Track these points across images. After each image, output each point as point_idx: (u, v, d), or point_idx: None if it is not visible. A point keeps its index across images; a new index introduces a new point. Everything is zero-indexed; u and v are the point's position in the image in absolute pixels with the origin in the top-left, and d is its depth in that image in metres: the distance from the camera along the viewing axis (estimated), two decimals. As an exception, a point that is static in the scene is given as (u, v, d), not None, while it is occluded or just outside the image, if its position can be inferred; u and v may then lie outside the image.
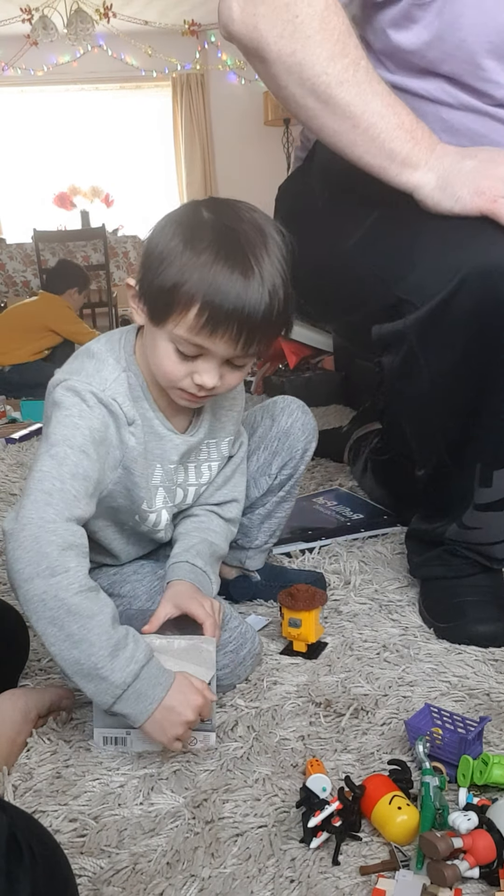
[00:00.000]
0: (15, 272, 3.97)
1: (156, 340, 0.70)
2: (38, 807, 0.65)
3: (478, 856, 0.55)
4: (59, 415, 0.70)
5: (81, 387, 0.71)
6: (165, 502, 0.82)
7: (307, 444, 0.94)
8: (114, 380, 0.73)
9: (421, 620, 0.94)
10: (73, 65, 4.92)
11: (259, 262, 0.65)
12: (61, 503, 0.66)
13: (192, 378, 0.70)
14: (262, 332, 0.68)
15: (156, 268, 0.67)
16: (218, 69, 5.20)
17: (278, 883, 0.56)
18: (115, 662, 0.64)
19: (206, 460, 0.85)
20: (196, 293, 0.64)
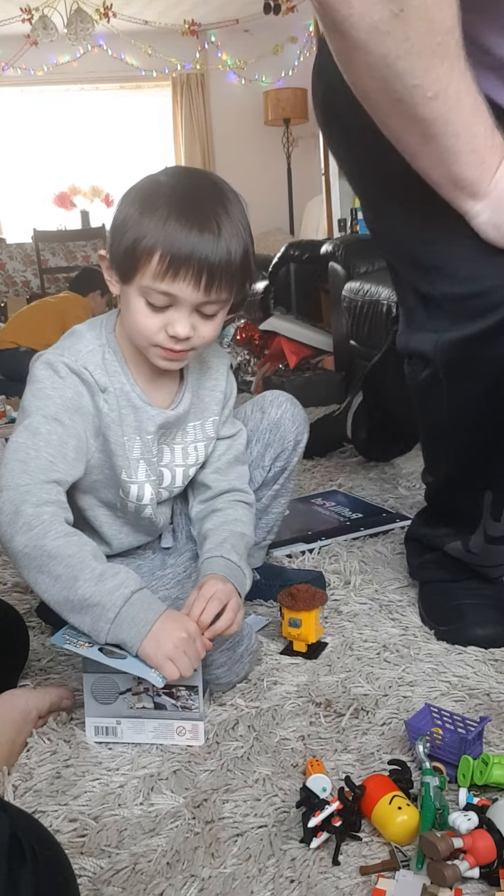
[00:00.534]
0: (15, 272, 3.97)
1: (129, 299, 0.74)
2: (38, 807, 0.65)
3: (478, 856, 0.55)
4: (32, 388, 0.75)
5: (54, 359, 0.76)
6: (148, 475, 0.82)
7: (298, 434, 0.95)
8: (87, 351, 0.78)
9: (420, 621, 0.94)
10: (73, 65, 4.91)
11: (216, 216, 0.70)
12: (36, 469, 0.71)
13: (165, 331, 0.73)
14: (222, 276, 0.71)
15: (120, 232, 0.72)
16: (218, 69, 5.19)
17: (278, 883, 0.56)
18: (103, 587, 0.67)
19: (193, 441, 0.87)
20: (156, 242, 0.69)
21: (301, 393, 2.45)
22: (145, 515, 0.85)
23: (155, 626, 0.67)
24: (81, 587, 0.67)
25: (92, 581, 0.67)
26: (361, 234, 2.50)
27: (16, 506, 0.69)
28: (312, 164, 4.36)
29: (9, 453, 0.72)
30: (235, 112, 5.25)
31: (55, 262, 3.85)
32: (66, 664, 0.88)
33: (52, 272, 3.84)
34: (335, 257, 2.31)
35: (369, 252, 2.26)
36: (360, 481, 1.53)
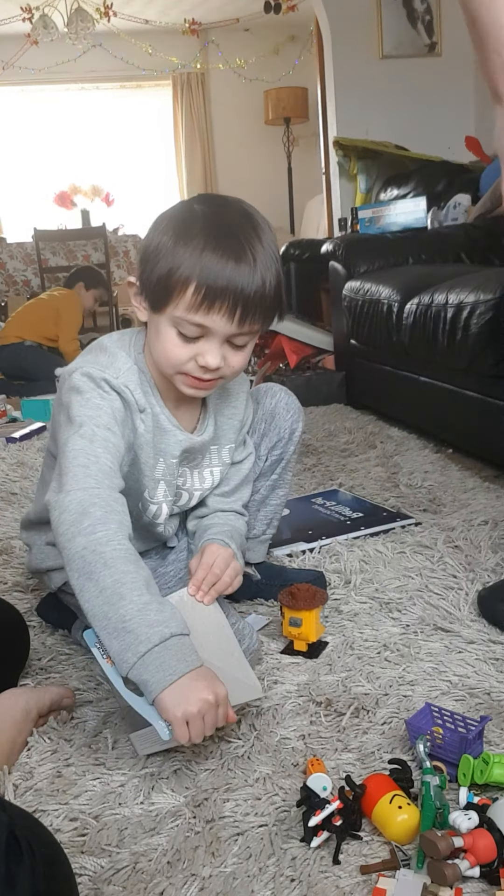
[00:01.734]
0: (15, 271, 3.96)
1: (159, 328, 0.73)
2: (39, 806, 0.65)
3: (478, 855, 0.55)
4: (80, 398, 0.74)
5: (96, 373, 0.75)
6: (166, 496, 0.84)
7: (293, 423, 0.96)
8: (126, 370, 0.77)
9: (421, 618, 0.93)
10: (73, 64, 4.91)
11: (251, 247, 0.70)
12: (99, 474, 0.70)
13: (195, 361, 0.73)
14: (256, 308, 0.71)
15: (153, 260, 0.71)
16: (218, 68, 5.19)
17: (279, 882, 0.56)
18: (144, 617, 0.62)
19: (209, 465, 0.88)
20: (192, 273, 0.68)
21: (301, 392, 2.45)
22: (157, 532, 0.87)
23: (183, 679, 0.61)
24: (123, 608, 0.63)
25: (136, 606, 0.63)
26: (362, 234, 2.50)
27: (84, 507, 0.66)
28: (313, 163, 4.36)
29: (68, 460, 0.70)
30: (236, 111, 5.25)
31: (55, 261, 3.85)
32: (66, 663, 0.88)
33: (53, 271, 3.84)
34: (335, 256, 2.31)
35: (370, 251, 2.26)
36: (361, 480, 1.53)
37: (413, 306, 1.73)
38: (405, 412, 1.92)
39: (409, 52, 3.15)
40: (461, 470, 1.55)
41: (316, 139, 3.85)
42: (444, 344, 1.56)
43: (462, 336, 1.48)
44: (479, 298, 1.44)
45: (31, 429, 2.11)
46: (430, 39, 3.16)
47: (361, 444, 1.82)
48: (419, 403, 1.81)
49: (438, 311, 1.58)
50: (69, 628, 0.93)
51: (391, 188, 2.99)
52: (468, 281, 1.55)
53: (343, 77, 3.16)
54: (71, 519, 0.66)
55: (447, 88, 3.17)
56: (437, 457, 1.65)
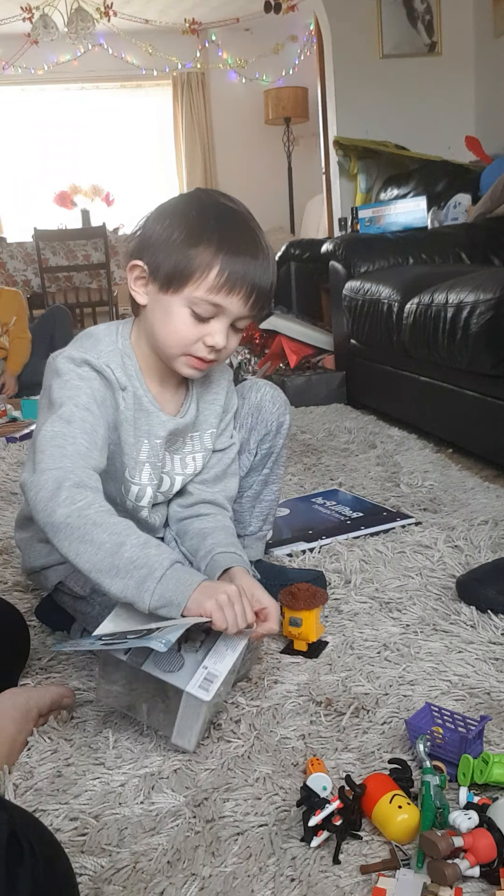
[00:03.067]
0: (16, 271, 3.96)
1: (170, 308, 0.77)
2: (39, 805, 0.65)
3: (478, 855, 0.55)
4: (59, 381, 0.77)
5: (77, 355, 0.78)
6: (150, 479, 0.85)
7: (280, 416, 0.97)
8: (108, 351, 0.80)
9: (421, 618, 0.94)
10: (73, 63, 4.91)
11: (264, 242, 0.77)
12: (75, 454, 0.72)
13: (202, 341, 0.77)
14: (265, 296, 0.77)
15: (168, 245, 0.75)
16: (219, 68, 5.19)
17: (279, 882, 0.56)
18: (148, 551, 0.69)
19: (191, 452, 0.89)
20: (216, 257, 0.74)
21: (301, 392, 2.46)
22: (141, 517, 0.87)
23: (200, 585, 0.69)
24: (128, 551, 0.68)
25: (138, 546, 0.69)
26: (362, 234, 2.50)
27: (58, 482, 0.70)
28: (313, 162, 4.35)
29: (44, 441, 0.73)
30: (236, 111, 5.25)
31: (56, 260, 3.85)
32: (66, 663, 0.88)
33: (53, 271, 3.84)
34: (336, 256, 2.31)
35: (370, 251, 2.26)
36: (361, 480, 1.53)
37: (413, 306, 1.73)
38: (405, 412, 1.92)
39: (409, 51, 3.15)
40: (461, 470, 1.55)
41: (316, 139, 3.85)
42: (443, 344, 1.56)
43: (462, 336, 1.48)
44: (479, 298, 1.44)
45: (31, 428, 2.11)
46: (431, 39, 3.16)
47: (361, 443, 1.82)
48: (419, 403, 1.81)
49: (438, 310, 1.58)
50: (68, 629, 0.93)
51: (391, 188, 2.99)
52: (468, 281, 1.55)
53: (343, 77, 3.16)
54: (47, 496, 0.69)
55: (447, 88, 3.16)
56: (437, 456, 1.65)
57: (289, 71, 5.10)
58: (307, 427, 2.02)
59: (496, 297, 1.38)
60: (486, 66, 3.10)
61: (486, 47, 3.08)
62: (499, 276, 1.46)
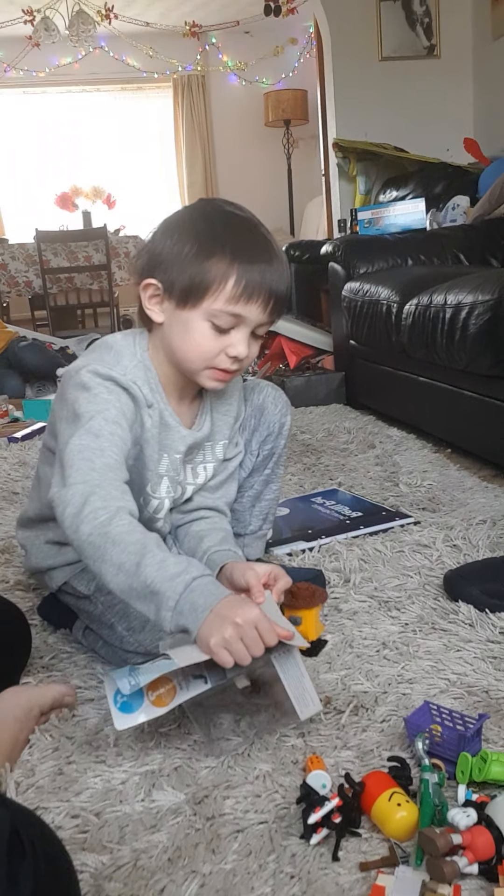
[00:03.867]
0: (17, 272, 3.97)
1: (189, 323, 0.76)
2: (41, 803, 0.65)
3: (477, 852, 0.55)
4: (87, 395, 0.75)
5: (103, 370, 0.77)
6: (169, 492, 0.85)
7: (282, 417, 0.98)
8: (133, 367, 0.79)
9: (420, 617, 0.94)
10: (74, 66, 4.92)
11: (276, 247, 0.76)
12: (104, 467, 0.72)
13: (225, 352, 0.76)
14: (283, 301, 0.76)
15: (181, 261, 0.74)
16: (219, 70, 5.20)
17: (278, 879, 0.56)
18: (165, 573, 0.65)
19: (203, 462, 0.89)
20: (231, 267, 0.73)
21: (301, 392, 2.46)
22: (156, 527, 0.88)
23: (211, 612, 0.65)
24: (143, 574, 0.66)
25: (154, 566, 0.66)
26: (361, 235, 2.50)
27: (84, 497, 0.69)
28: (313, 164, 4.36)
29: (72, 454, 0.71)
30: (236, 113, 5.26)
31: (57, 262, 3.85)
32: (68, 661, 0.89)
33: (54, 272, 3.85)
34: (335, 258, 2.32)
35: (369, 252, 2.26)
36: (361, 480, 1.53)
37: (412, 307, 1.73)
38: (404, 412, 1.93)
39: (408, 54, 3.16)
40: (460, 469, 1.55)
41: (316, 141, 3.86)
42: (442, 344, 1.57)
43: (461, 336, 1.48)
44: (478, 299, 1.44)
45: (32, 428, 2.12)
46: (430, 42, 3.17)
47: (361, 443, 1.82)
48: (418, 403, 1.81)
49: (437, 311, 1.59)
50: (70, 628, 0.93)
51: (390, 190, 2.99)
52: (467, 282, 1.56)
53: (343, 79, 3.17)
54: (74, 511, 0.69)
55: (446, 90, 3.17)
56: (435, 456, 1.66)
57: (288, 73, 5.11)
58: (307, 427, 2.02)
59: (494, 298, 1.39)
60: (485, 69, 3.11)
61: (485, 50, 3.09)
62: (497, 278, 1.47)
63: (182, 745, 0.72)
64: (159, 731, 0.74)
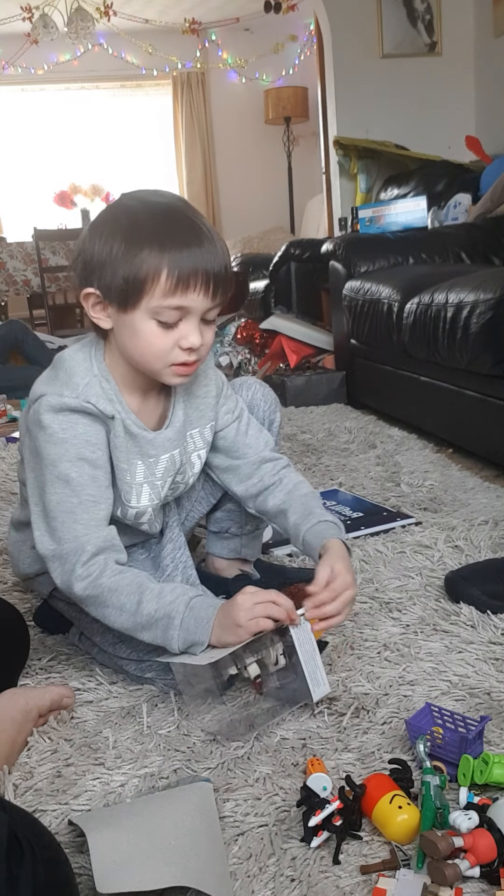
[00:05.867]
0: (15, 271, 3.96)
1: (134, 325, 0.74)
2: (39, 806, 0.65)
3: (478, 855, 0.55)
4: (44, 434, 0.75)
5: (56, 402, 0.75)
6: (151, 499, 0.84)
7: (271, 413, 0.98)
8: (85, 385, 0.77)
9: (421, 618, 0.93)
10: (73, 63, 4.91)
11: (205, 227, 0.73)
12: (85, 514, 0.75)
13: (178, 346, 0.74)
14: (223, 281, 0.74)
15: (112, 263, 0.71)
16: (219, 67, 5.19)
17: (279, 882, 0.56)
18: (164, 600, 0.73)
19: (195, 450, 0.88)
20: (160, 262, 0.70)
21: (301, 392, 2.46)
22: (141, 529, 0.87)
23: (216, 618, 0.72)
24: (146, 607, 0.73)
25: (153, 599, 0.73)
26: (362, 233, 2.50)
27: (76, 555, 0.74)
28: (313, 162, 4.35)
29: (53, 508, 0.75)
30: (236, 111, 5.24)
31: (55, 260, 3.85)
32: (66, 663, 0.88)
33: (53, 271, 3.84)
34: (336, 256, 2.31)
35: (370, 251, 2.26)
36: (361, 480, 1.52)
37: (413, 306, 1.73)
38: (405, 412, 1.92)
39: (409, 51, 3.15)
40: (461, 469, 1.55)
41: (316, 139, 3.85)
42: (444, 343, 1.56)
43: (462, 336, 1.48)
44: (479, 298, 1.44)
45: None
46: (431, 39, 3.16)
47: (362, 443, 1.82)
48: (419, 403, 1.81)
49: (438, 310, 1.58)
50: (66, 633, 0.93)
51: (391, 188, 2.98)
52: (468, 281, 1.55)
53: (343, 76, 3.16)
54: (69, 569, 0.74)
55: (447, 88, 3.16)
56: (437, 456, 1.65)
57: (289, 70, 5.10)
58: (307, 427, 2.02)
59: (496, 297, 1.38)
60: (487, 66, 3.10)
61: (487, 47, 3.08)
62: (499, 276, 1.46)
63: (181, 748, 0.72)
64: (158, 734, 0.74)
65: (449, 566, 1.08)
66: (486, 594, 0.94)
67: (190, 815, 0.59)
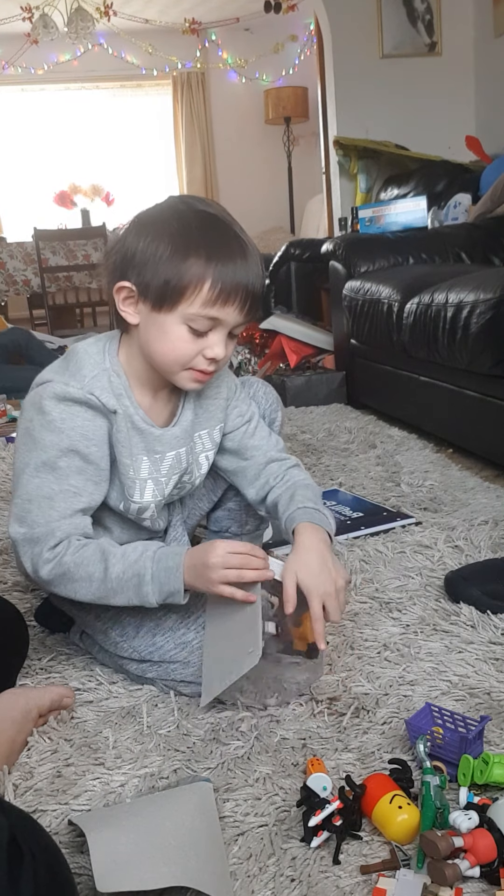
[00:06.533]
0: (15, 271, 3.96)
1: (165, 326, 0.74)
2: (39, 806, 0.65)
3: (478, 855, 0.55)
4: (42, 420, 0.76)
5: (61, 390, 0.76)
6: (155, 496, 0.84)
7: (273, 411, 0.98)
8: (92, 377, 0.77)
9: (421, 618, 0.93)
10: (73, 63, 4.91)
11: (249, 244, 0.75)
12: (63, 503, 0.74)
13: (202, 354, 0.76)
14: (258, 300, 0.76)
15: (155, 263, 0.72)
16: (219, 67, 5.18)
17: (279, 882, 0.56)
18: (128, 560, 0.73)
19: (203, 451, 0.88)
20: (206, 270, 0.71)
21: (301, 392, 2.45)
22: (144, 526, 0.87)
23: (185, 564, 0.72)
24: (112, 571, 0.73)
25: (118, 562, 0.73)
26: (362, 233, 2.49)
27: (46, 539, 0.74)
28: (313, 162, 4.35)
29: (33, 489, 0.75)
30: (236, 111, 5.24)
31: (55, 260, 3.85)
32: (66, 663, 0.88)
33: (53, 271, 3.84)
34: (336, 256, 2.31)
35: (370, 251, 2.26)
36: (361, 480, 1.52)
37: (413, 306, 1.73)
38: (405, 412, 1.92)
39: (409, 51, 3.15)
40: (461, 469, 1.55)
41: (316, 138, 3.85)
42: (444, 343, 1.56)
43: (462, 336, 1.48)
44: (479, 298, 1.44)
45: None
46: (431, 39, 3.16)
47: (361, 443, 1.82)
48: (419, 403, 1.81)
49: (438, 310, 1.58)
50: (67, 632, 0.93)
51: (391, 188, 2.98)
52: (468, 281, 1.55)
53: (343, 76, 3.16)
54: (37, 552, 0.74)
55: (447, 88, 3.16)
56: (437, 456, 1.65)
57: (289, 70, 5.10)
58: (307, 427, 2.02)
59: (496, 297, 1.38)
60: (487, 66, 3.10)
61: (487, 47, 3.08)
62: (499, 276, 1.46)
63: (181, 748, 0.72)
64: (158, 733, 0.74)
65: (449, 566, 1.08)
66: (485, 594, 0.94)
67: (190, 815, 0.59)
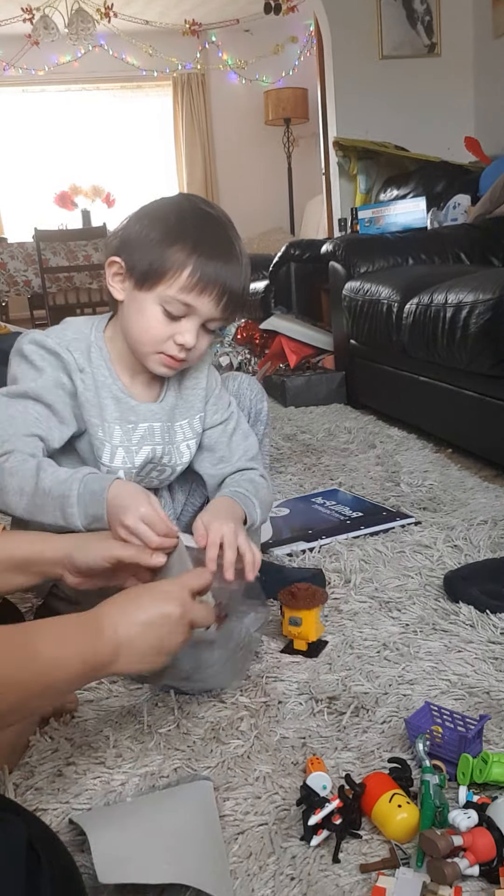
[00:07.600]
0: (16, 271, 3.97)
1: (143, 305, 0.79)
2: (40, 805, 0.65)
3: (478, 854, 0.55)
4: (21, 360, 0.82)
5: (41, 338, 0.83)
6: (125, 462, 0.87)
7: (258, 402, 1.02)
8: (73, 338, 0.83)
9: (420, 618, 0.94)
10: (74, 64, 4.92)
11: (238, 246, 0.79)
12: (22, 424, 0.78)
13: (173, 339, 0.79)
14: (237, 300, 0.79)
15: (146, 244, 0.77)
16: (219, 69, 5.19)
17: (279, 880, 0.56)
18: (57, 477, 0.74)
19: (183, 440, 0.91)
20: (189, 258, 0.76)
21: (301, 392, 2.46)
22: None
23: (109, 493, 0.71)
24: (42, 485, 0.73)
25: (49, 478, 0.74)
26: (362, 234, 2.50)
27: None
28: (313, 163, 4.35)
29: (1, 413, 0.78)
30: (236, 112, 5.25)
31: (56, 261, 3.85)
32: (66, 663, 0.88)
33: (53, 271, 3.84)
34: (335, 257, 2.31)
35: (370, 252, 2.26)
36: (361, 480, 1.53)
37: (413, 306, 1.73)
38: (405, 412, 1.92)
39: (408, 52, 3.16)
40: (461, 469, 1.55)
41: (316, 139, 3.85)
42: (443, 344, 1.56)
43: (461, 336, 1.48)
44: (479, 298, 1.44)
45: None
46: (430, 40, 3.16)
47: (361, 443, 1.82)
48: (419, 403, 1.81)
49: (438, 311, 1.58)
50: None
51: (391, 188, 2.99)
52: (467, 281, 1.55)
53: (343, 77, 3.16)
54: None
55: (447, 89, 3.17)
56: (436, 456, 1.65)
57: (289, 72, 5.10)
58: (307, 427, 2.02)
59: (495, 298, 1.39)
60: (486, 68, 3.11)
61: (486, 48, 3.08)
62: (498, 277, 1.46)
63: (181, 747, 0.72)
64: (158, 732, 0.74)
65: (448, 566, 1.08)
66: (485, 594, 0.94)
67: (190, 813, 0.59)
